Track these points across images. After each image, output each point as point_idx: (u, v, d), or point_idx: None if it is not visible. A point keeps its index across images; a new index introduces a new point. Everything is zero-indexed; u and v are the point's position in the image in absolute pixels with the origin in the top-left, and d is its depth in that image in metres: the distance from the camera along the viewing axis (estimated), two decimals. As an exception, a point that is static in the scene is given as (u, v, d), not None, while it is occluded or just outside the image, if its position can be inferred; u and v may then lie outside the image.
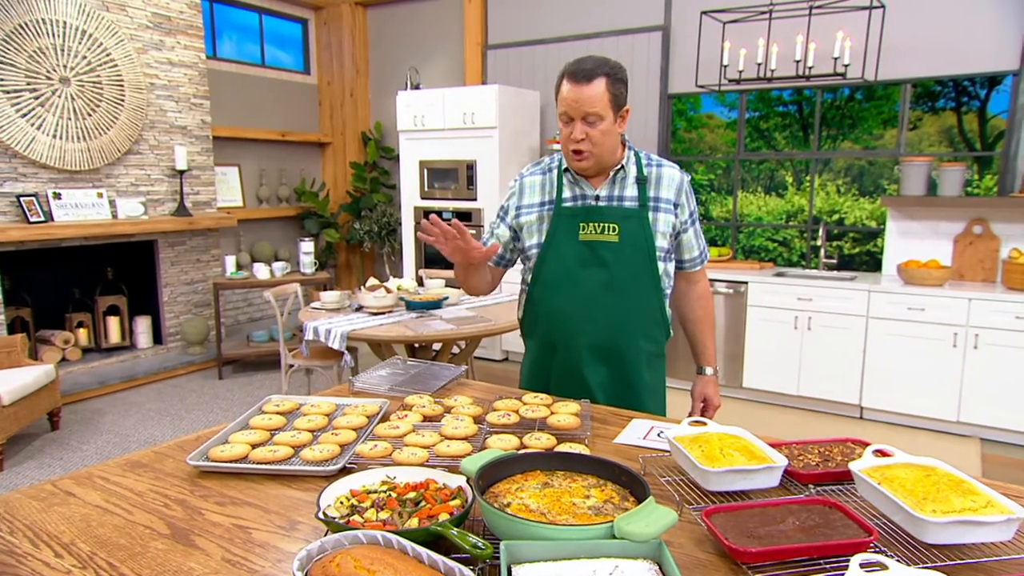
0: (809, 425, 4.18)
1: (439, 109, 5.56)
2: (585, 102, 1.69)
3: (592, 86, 1.68)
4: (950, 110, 5.23)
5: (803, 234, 5.90)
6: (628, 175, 1.82)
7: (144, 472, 1.36)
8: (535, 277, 1.88)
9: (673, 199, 1.83)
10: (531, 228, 1.87)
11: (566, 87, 1.72)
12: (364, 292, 3.99)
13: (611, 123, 1.72)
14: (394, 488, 1.16)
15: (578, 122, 1.71)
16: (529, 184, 1.91)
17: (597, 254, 1.80)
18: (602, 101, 1.69)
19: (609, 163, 1.80)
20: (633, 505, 1.07)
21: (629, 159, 1.83)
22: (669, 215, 1.83)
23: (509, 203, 1.94)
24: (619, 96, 1.72)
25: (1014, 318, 3.68)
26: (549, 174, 1.89)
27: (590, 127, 1.71)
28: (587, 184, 1.83)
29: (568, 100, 1.71)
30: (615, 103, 1.72)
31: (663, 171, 1.85)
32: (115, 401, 4.73)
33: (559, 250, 1.82)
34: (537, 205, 1.87)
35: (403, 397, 1.74)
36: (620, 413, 1.68)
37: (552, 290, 1.85)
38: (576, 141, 1.73)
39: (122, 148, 5.09)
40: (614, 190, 1.82)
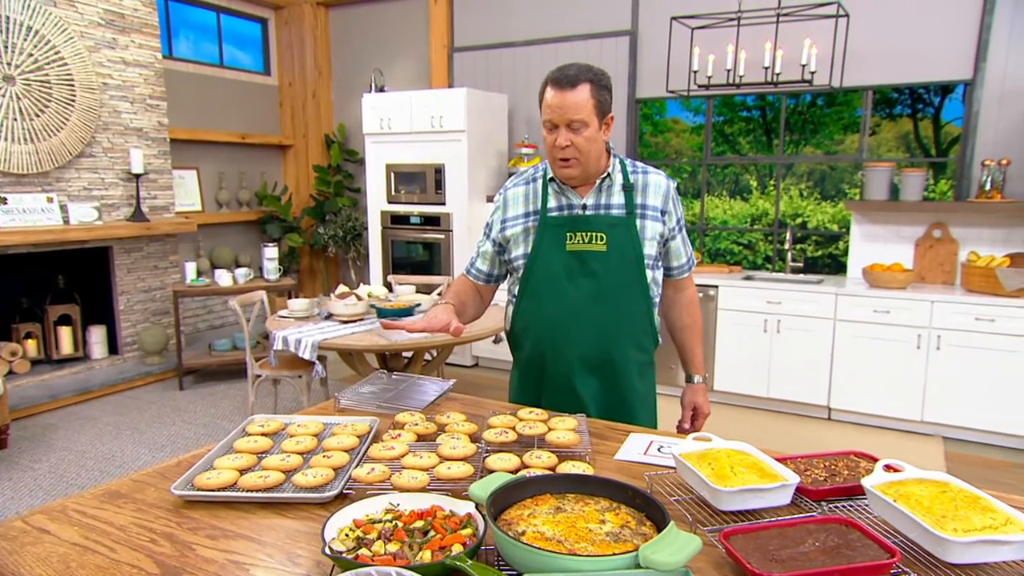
0: (778, 427, 4.24)
1: (406, 112, 5.48)
2: (569, 108, 1.67)
3: (576, 92, 1.67)
4: (907, 116, 5.39)
5: (768, 237, 6.00)
6: (614, 183, 1.81)
7: (124, 503, 1.27)
8: (523, 288, 1.85)
9: (660, 206, 1.82)
10: (517, 240, 1.85)
11: (550, 93, 1.70)
12: (334, 300, 3.90)
13: (596, 130, 1.71)
14: (400, 517, 1.11)
15: (563, 129, 1.70)
16: (513, 196, 1.88)
17: (585, 264, 1.78)
18: (587, 107, 1.67)
19: (595, 171, 1.78)
20: (651, 529, 1.04)
21: (615, 167, 1.82)
22: (657, 223, 1.81)
23: (494, 218, 1.91)
24: (604, 103, 1.71)
25: (974, 319, 3.79)
26: (533, 184, 1.86)
27: (575, 134, 1.69)
28: (573, 193, 1.81)
29: (552, 107, 1.69)
30: (600, 110, 1.70)
31: (649, 178, 1.83)
32: (68, 416, 4.53)
33: (546, 260, 1.80)
34: (522, 216, 1.85)
35: (393, 414, 1.69)
36: (617, 427, 1.65)
37: (540, 301, 1.82)
38: (561, 148, 1.71)
39: (73, 151, 4.88)
40: (601, 198, 1.80)
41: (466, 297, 1.93)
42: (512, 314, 1.91)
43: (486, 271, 1.95)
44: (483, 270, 1.95)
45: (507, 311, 1.96)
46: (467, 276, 1.97)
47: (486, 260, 1.94)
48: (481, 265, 1.95)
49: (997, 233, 4.13)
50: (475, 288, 1.97)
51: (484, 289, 1.98)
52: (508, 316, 1.95)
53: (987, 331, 3.76)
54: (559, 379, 1.84)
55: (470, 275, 1.97)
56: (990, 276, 3.79)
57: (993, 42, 4.09)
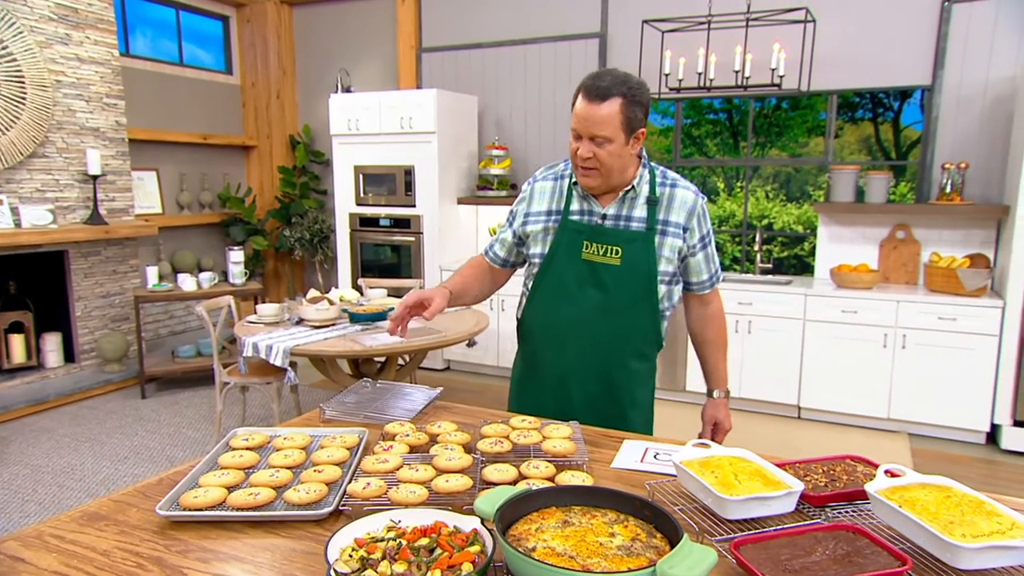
0: (750, 427, 4.30)
1: (375, 113, 5.40)
2: (595, 123, 1.63)
3: (605, 106, 1.61)
4: (868, 120, 5.54)
5: (735, 239, 6.09)
6: (639, 195, 1.77)
7: (106, 526, 1.21)
8: (535, 287, 1.88)
9: (683, 223, 1.77)
10: (536, 237, 1.85)
11: (580, 102, 1.66)
12: (305, 304, 3.81)
13: (621, 145, 1.66)
14: (403, 534, 1.07)
15: (585, 140, 1.66)
16: (540, 190, 1.88)
17: (597, 275, 1.77)
18: (613, 123, 1.62)
19: (619, 182, 1.75)
20: (662, 542, 1.03)
21: (642, 178, 1.77)
22: (677, 239, 1.77)
23: (518, 208, 1.91)
24: (633, 119, 1.65)
25: (937, 319, 3.90)
26: (560, 181, 1.86)
27: (597, 147, 1.65)
28: (595, 201, 1.79)
29: (579, 117, 1.66)
30: (628, 126, 1.65)
31: (676, 192, 1.78)
32: (21, 427, 4.34)
33: (559, 267, 1.81)
34: (544, 214, 1.85)
35: (381, 425, 1.64)
36: (610, 434, 1.64)
37: (548, 306, 1.84)
38: (583, 159, 1.69)
39: (25, 151, 4.68)
40: (622, 210, 1.77)
41: (472, 281, 1.95)
42: (523, 307, 1.94)
43: (503, 256, 1.96)
44: (500, 255, 1.97)
45: (520, 301, 1.97)
46: (484, 257, 1.99)
47: (504, 247, 1.94)
48: (499, 250, 1.96)
49: (957, 234, 4.26)
50: (489, 270, 1.99)
51: (499, 272, 2.00)
52: (520, 306, 1.96)
53: (950, 330, 3.87)
54: (558, 381, 1.86)
55: (487, 256, 1.99)
56: (951, 276, 3.90)
57: (950, 50, 4.21)
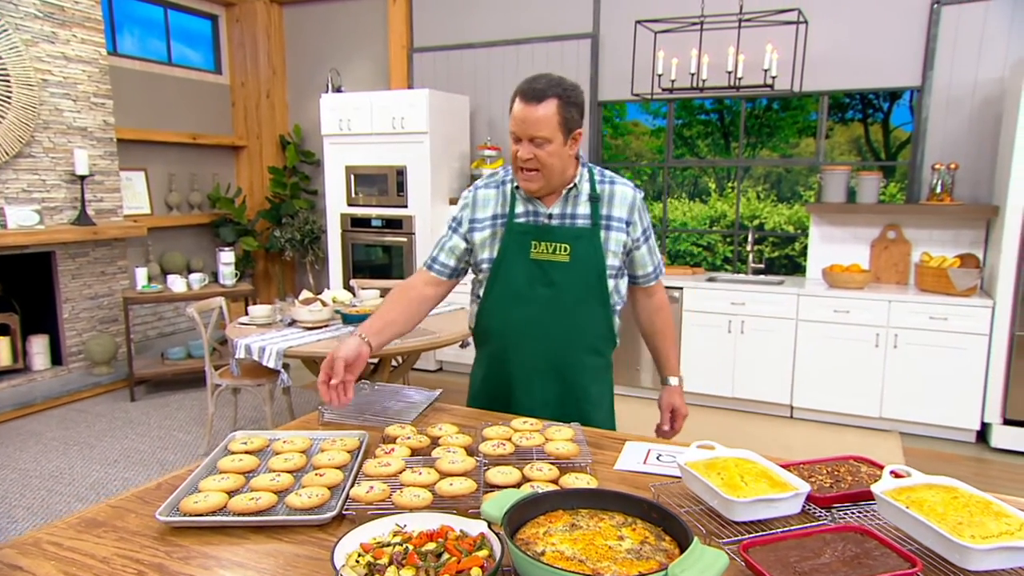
0: (743, 426, 4.31)
1: (366, 113, 5.38)
2: (532, 124, 1.67)
3: (542, 107, 1.66)
4: (858, 121, 5.57)
5: (727, 239, 6.11)
6: (581, 193, 1.81)
7: (104, 532, 1.19)
8: (487, 292, 1.87)
9: (625, 217, 1.82)
10: (484, 243, 1.85)
11: (517, 106, 1.69)
12: (298, 306, 3.78)
13: (560, 146, 1.70)
14: (409, 539, 1.06)
15: (525, 142, 1.70)
16: (483, 197, 1.87)
17: (547, 274, 1.80)
18: (551, 124, 1.67)
19: (559, 182, 1.78)
20: (671, 545, 1.02)
21: (582, 176, 1.82)
22: (621, 233, 1.82)
23: (463, 215, 1.89)
24: (571, 119, 1.70)
25: (928, 318, 3.93)
26: (502, 187, 1.87)
27: (537, 148, 1.69)
28: (539, 203, 1.82)
29: (517, 119, 1.69)
30: (565, 126, 1.69)
31: (616, 188, 1.83)
32: (8, 431, 4.28)
33: (509, 268, 1.82)
34: (490, 219, 1.85)
35: (381, 427, 1.63)
36: (611, 436, 1.63)
37: (501, 307, 1.85)
38: (523, 161, 1.71)
39: (11, 150, 4.62)
40: (567, 208, 1.81)
41: (401, 310, 1.84)
42: (476, 314, 1.93)
43: (452, 265, 1.90)
44: (448, 264, 1.90)
45: (471, 310, 1.97)
46: (428, 271, 1.91)
47: (453, 255, 1.89)
48: (446, 260, 1.90)
49: (947, 234, 4.30)
50: (431, 285, 1.90)
51: (444, 284, 1.92)
52: (472, 315, 1.96)
53: (941, 329, 3.90)
54: (517, 381, 1.87)
55: (432, 270, 1.90)
56: (942, 276, 3.93)
57: (939, 51, 4.25)
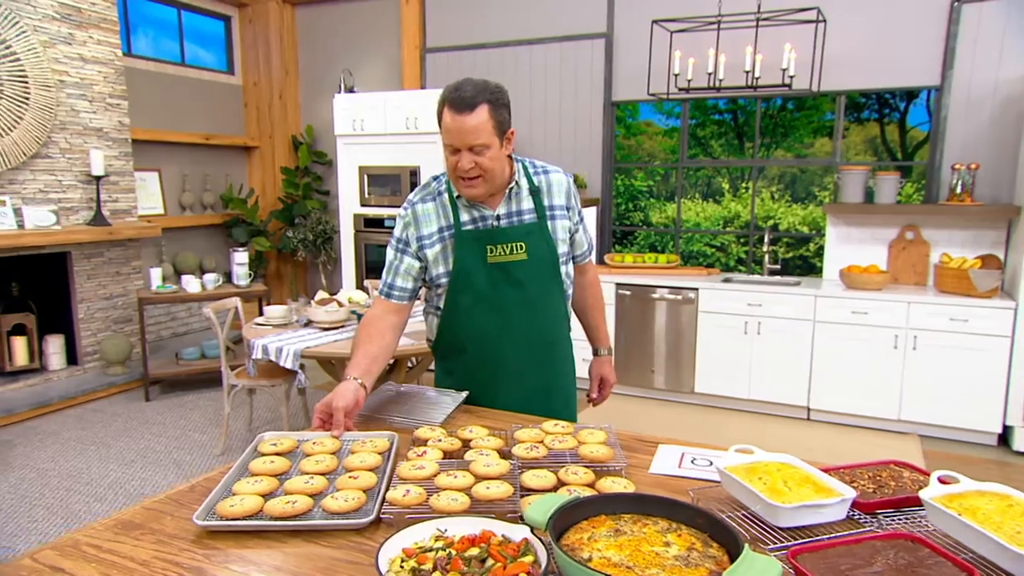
0: (759, 428, 4.28)
1: (380, 113, 5.38)
2: (469, 133, 1.66)
3: (475, 115, 1.65)
4: (874, 121, 5.53)
5: (740, 239, 6.08)
6: (521, 189, 1.84)
7: (142, 535, 1.18)
8: (449, 305, 1.85)
9: (565, 203, 1.88)
10: (436, 258, 1.83)
11: (448, 117, 1.67)
12: (314, 306, 3.78)
13: (497, 149, 1.71)
14: (451, 544, 1.05)
15: (464, 152, 1.68)
16: (422, 212, 1.83)
17: (509, 274, 1.82)
18: (486, 130, 1.67)
19: (500, 183, 1.79)
20: (718, 551, 1.01)
21: (519, 172, 1.84)
22: (565, 220, 1.88)
23: (407, 234, 1.85)
24: (503, 122, 1.71)
25: (948, 320, 3.89)
26: (440, 198, 1.84)
27: (477, 156, 1.69)
28: (484, 206, 1.82)
29: (452, 131, 1.67)
30: (500, 129, 1.70)
31: (552, 178, 1.89)
32: (26, 431, 4.29)
33: (470, 276, 1.81)
34: (436, 233, 1.82)
35: (410, 429, 1.62)
36: (644, 439, 1.62)
37: (469, 315, 1.84)
38: (465, 171, 1.70)
39: (28, 151, 4.64)
40: (512, 206, 1.83)
41: (384, 340, 1.82)
42: (438, 327, 1.91)
43: (411, 288, 1.86)
44: (408, 288, 1.85)
45: (430, 324, 1.95)
46: (387, 300, 1.86)
47: (409, 276, 1.85)
48: (404, 283, 1.85)
49: (967, 235, 4.26)
50: (395, 312, 1.86)
51: (405, 309, 1.88)
52: (432, 328, 1.94)
53: (961, 331, 3.86)
54: (501, 383, 1.88)
55: (391, 297, 1.86)
56: (963, 277, 3.90)
57: (959, 50, 4.21)
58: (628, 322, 4.80)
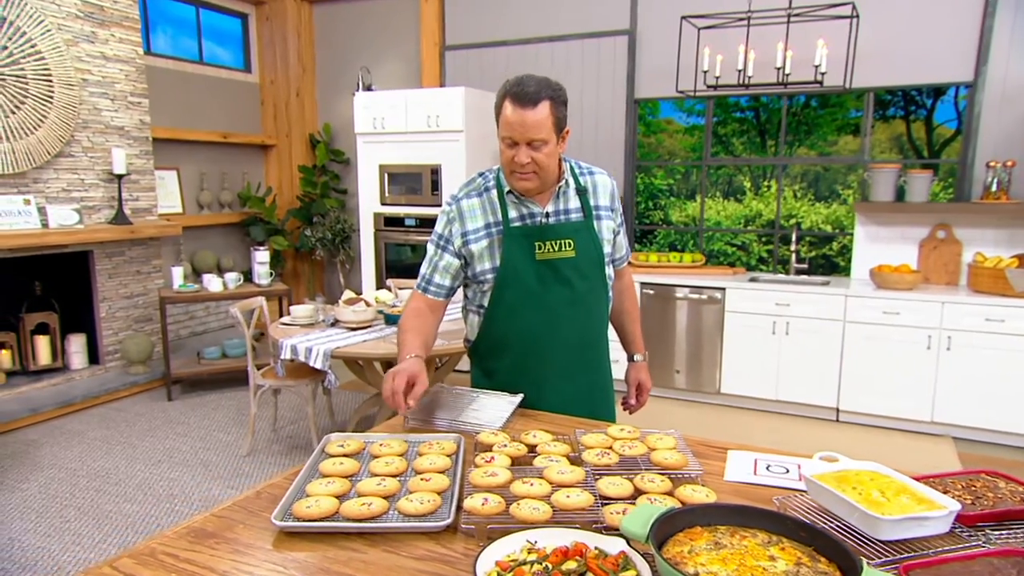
0: (787, 430, 4.24)
1: (401, 111, 5.34)
2: (530, 128, 1.66)
3: (537, 110, 1.66)
4: (899, 118, 5.47)
5: (762, 238, 6.03)
6: (569, 188, 1.84)
7: (217, 544, 1.15)
8: (495, 301, 1.82)
9: (609, 205, 1.88)
10: (482, 254, 1.81)
11: (509, 110, 1.67)
12: (341, 306, 3.75)
13: (554, 145, 1.71)
14: (545, 557, 1.01)
15: (523, 147, 1.68)
16: (468, 208, 1.83)
17: (558, 272, 1.80)
18: (546, 126, 1.67)
19: (551, 181, 1.79)
20: (827, 567, 0.97)
21: (567, 171, 1.85)
22: (609, 221, 1.88)
23: (450, 230, 1.84)
24: (561, 119, 1.72)
25: (984, 320, 3.83)
26: (487, 194, 1.83)
27: (535, 151, 1.69)
28: (532, 203, 1.81)
29: (514, 125, 1.67)
30: (558, 126, 1.71)
31: (596, 179, 1.89)
32: (51, 430, 4.28)
33: (518, 272, 1.79)
34: (483, 229, 1.81)
35: (469, 434, 1.58)
36: (711, 444, 1.58)
37: (516, 313, 1.82)
38: (521, 165, 1.70)
39: (52, 150, 4.62)
40: (560, 204, 1.82)
41: (428, 329, 1.84)
42: (481, 326, 1.89)
43: (448, 285, 1.86)
44: (445, 285, 1.85)
45: (471, 323, 1.93)
46: (424, 295, 1.86)
47: (448, 274, 1.84)
48: (442, 280, 1.85)
49: (1001, 234, 4.20)
50: (430, 308, 1.87)
51: (441, 305, 1.88)
52: (474, 328, 1.92)
53: (997, 331, 3.80)
54: (547, 383, 1.85)
55: (428, 292, 1.86)
56: (999, 277, 3.84)
57: (994, 45, 4.15)
58: (651, 321, 4.75)
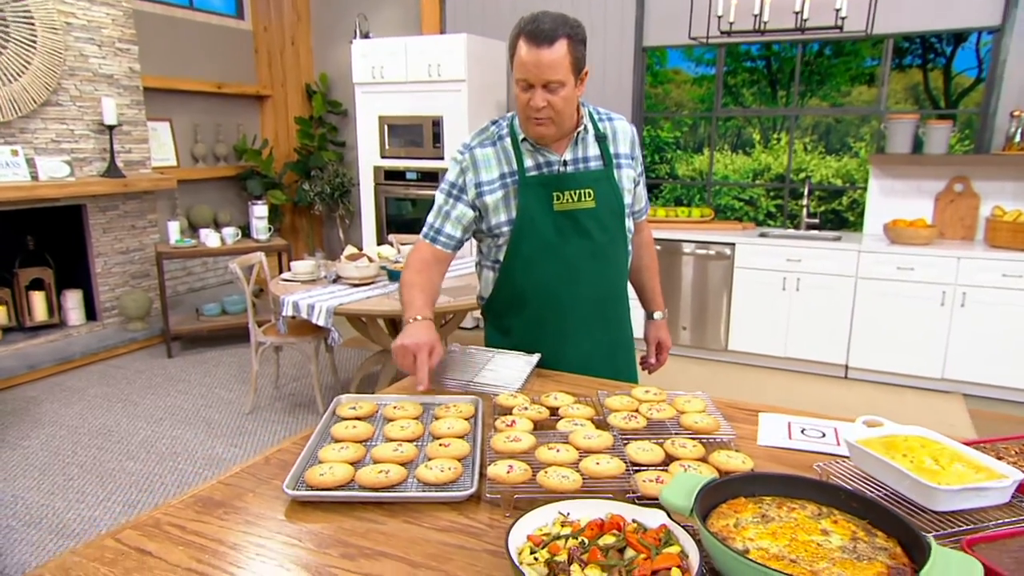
0: (796, 386, 4.20)
1: (401, 60, 5.14)
2: (547, 68, 1.54)
3: (554, 50, 1.53)
4: (916, 67, 5.29)
5: (770, 193, 5.90)
6: (588, 134, 1.74)
7: (226, 514, 1.08)
8: (512, 255, 1.73)
9: (630, 152, 1.80)
10: (497, 206, 1.71)
11: (524, 50, 1.55)
12: (344, 261, 3.66)
13: (572, 88, 1.59)
14: (580, 530, 0.94)
15: (538, 89, 1.57)
16: (482, 157, 1.72)
17: (577, 223, 1.70)
18: (563, 66, 1.55)
19: (568, 127, 1.68)
20: (887, 542, 0.90)
21: (585, 117, 1.74)
22: (630, 170, 1.79)
23: (464, 180, 1.73)
24: (580, 59, 1.59)
25: (1000, 275, 3.75)
26: (501, 143, 1.72)
27: (551, 94, 1.57)
28: (549, 151, 1.70)
29: (528, 65, 1.55)
30: (576, 67, 1.58)
31: (616, 125, 1.79)
32: (50, 387, 4.23)
33: (536, 224, 1.69)
34: (498, 179, 1.71)
35: (486, 395, 1.51)
36: (739, 406, 1.51)
37: (533, 266, 1.72)
38: (537, 109, 1.58)
39: (38, 98, 4.45)
40: (578, 152, 1.72)
41: (433, 284, 1.73)
42: (496, 282, 1.80)
43: (458, 237, 1.75)
44: (455, 236, 1.74)
45: (484, 279, 1.84)
46: (432, 245, 1.75)
47: (460, 225, 1.73)
48: (452, 231, 1.74)
49: (1022, 187, 4.08)
50: (437, 260, 1.75)
51: (448, 258, 1.77)
52: (488, 284, 1.83)
53: (1015, 287, 3.73)
54: (567, 338, 1.77)
55: (436, 243, 1.75)
56: (1019, 231, 3.74)
57: (1022, -11, 3.96)
58: (660, 278, 4.67)
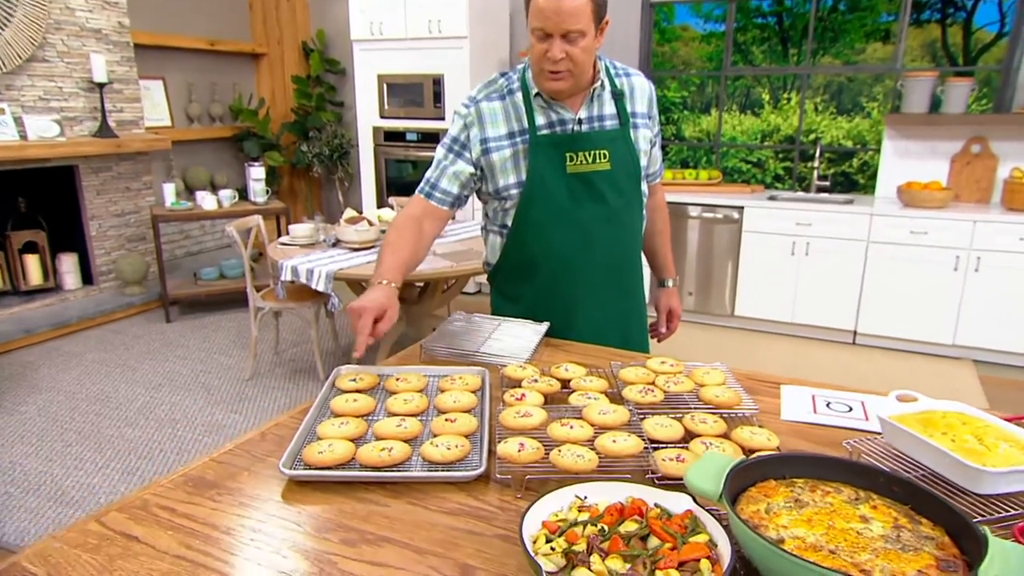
0: (803, 353, 4.14)
1: (400, 15, 4.96)
2: (566, 16, 1.42)
3: None
4: (935, 22, 5.11)
5: (778, 154, 5.76)
6: (604, 91, 1.63)
7: (219, 495, 1.01)
8: (521, 219, 1.63)
9: (647, 111, 1.69)
10: (505, 166, 1.60)
11: None
12: (343, 225, 3.56)
13: (592, 39, 1.48)
14: (599, 516, 0.87)
15: (557, 39, 1.45)
16: (489, 112, 1.60)
17: (591, 186, 1.61)
18: (584, 14, 1.43)
19: (584, 82, 1.57)
20: (931, 530, 0.83)
21: (602, 72, 1.63)
22: (647, 130, 1.69)
23: (468, 135, 1.61)
24: (602, 6, 1.48)
25: (1017, 239, 3.66)
26: (511, 97, 1.60)
27: (571, 45, 1.46)
28: (563, 107, 1.59)
29: (547, 13, 1.42)
30: (597, 15, 1.47)
31: (634, 81, 1.68)
32: (47, 352, 4.17)
33: (547, 186, 1.59)
34: (506, 137, 1.60)
35: (494, 366, 1.44)
36: (757, 377, 1.43)
37: (544, 232, 1.63)
38: (554, 61, 1.47)
39: (23, 53, 4.29)
40: (593, 110, 1.62)
41: (418, 244, 1.60)
42: (504, 248, 1.70)
43: (455, 193, 1.64)
44: (452, 192, 1.64)
45: (491, 244, 1.74)
46: (426, 200, 1.64)
47: (457, 181, 1.63)
48: (449, 186, 1.63)
49: (1041, 149, 3.97)
50: (429, 216, 1.64)
51: (443, 216, 1.66)
52: (496, 250, 1.73)
53: (1031, 252, 3.65)
54: (579, 306, 1.70)
55: (431, 198, 1.64)
56: (1037, 195, 3.64)
57: (1049, -60, 3.78)
58: (666, 242, 4.57)
